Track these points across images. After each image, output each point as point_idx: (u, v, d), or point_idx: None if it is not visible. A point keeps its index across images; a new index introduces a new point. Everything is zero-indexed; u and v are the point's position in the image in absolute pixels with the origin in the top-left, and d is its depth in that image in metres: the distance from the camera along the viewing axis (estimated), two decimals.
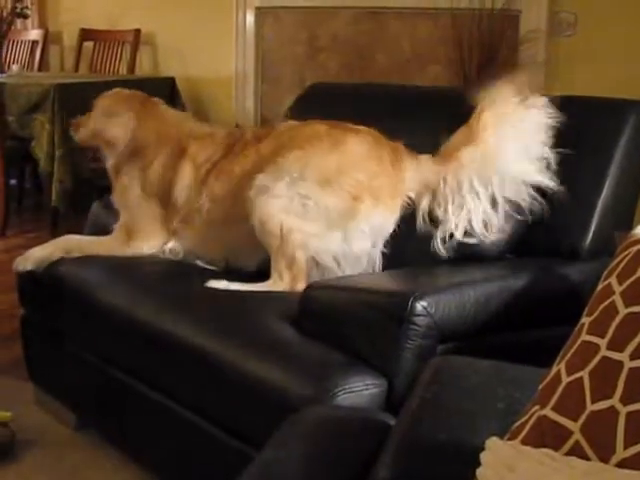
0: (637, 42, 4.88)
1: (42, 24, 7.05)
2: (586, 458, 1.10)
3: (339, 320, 2.19)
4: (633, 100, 2.62)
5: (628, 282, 1.22)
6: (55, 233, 5.37)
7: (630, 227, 2.54)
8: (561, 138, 2.54)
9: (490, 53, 5.18)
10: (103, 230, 3.03)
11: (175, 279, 2.69)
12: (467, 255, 2.50)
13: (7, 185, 5.59)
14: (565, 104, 2.70)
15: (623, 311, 1.18)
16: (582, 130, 2.57)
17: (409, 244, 2.54)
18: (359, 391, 2.01)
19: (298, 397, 1.99)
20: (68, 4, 6.96)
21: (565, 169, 2.54)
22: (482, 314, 2.18)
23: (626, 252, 1.31)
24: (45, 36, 6.83)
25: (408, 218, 2.56)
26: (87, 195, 5.25)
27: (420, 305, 2.05)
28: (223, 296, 2.51)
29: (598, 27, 5.01)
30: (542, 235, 2.56)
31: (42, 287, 2.92)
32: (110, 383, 2.67)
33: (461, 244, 2.51)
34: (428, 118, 2.81)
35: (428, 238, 2.51)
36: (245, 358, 2.18)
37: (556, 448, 1.13)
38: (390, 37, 5.59)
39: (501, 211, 2.51)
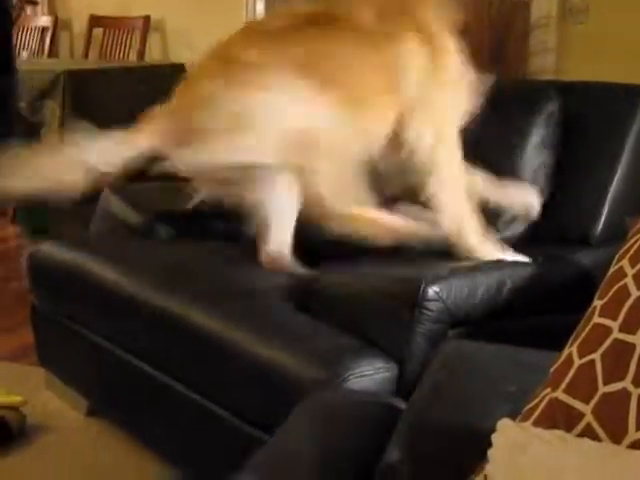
0: None
1: (52, 11, 7.05)
2: (598, 440, 1.10)
3: (350, 305, 2.19)
4: None
5: None
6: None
7: None
8: (573, 124, 2.54)
9: (500, 39, 5.17)
10: (113, 218, 3.03)
11: (187, 265, 2.68)
12: None
13: None
14: (577, 90, 2.70)
15: (635, 294, 1.18)
16: (594, 116, 2.57)
17: None
18: (370, 375, 2.01)
19: (309, 381, 2.00)
20: None
21: (577, 155, 2.54)
22: (493, 299, 2.19)
23: (638, 235, 1.31)
24: (55, 23, 6.83)
25: None
26: None
27: (432, 290, 2.06)
28: (234, 281, 2.51)
29: (610, 14, 4.99)
30: (554, 222, 2.56)
31: (53, 273, 2.92)
32: (122, 368, 2.68)
33: None
34: None
35: None
36: (256, 342, 2.18)
37: (568, 430, 1.14)
38: None
39: None
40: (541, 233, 2.56)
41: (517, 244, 2.54)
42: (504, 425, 1.17)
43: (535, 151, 2.55)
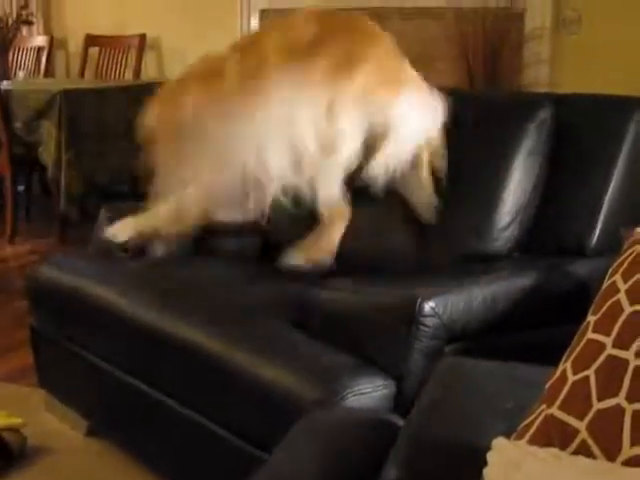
0: None
1: (47, 30, 7.07)
2: (593, 457, 1.10)
3: (347, 322, 2.19)
4: (638, 97, 2.62)
5: (633, 280, 1.22)
6: (64, 240, 5.40)
7: (637, 223, 2.54)
8: (566, 134, 2.54)
9: (495, 51, 5.18)
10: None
11: (184, 285, 2.68)
12: (474, 254, 2.51)
13: (15, 192, 5.60)
14: (570, 101, 2.71)
15: (628, 309, 1.19)
16: (587, 127, 2.58)
17: None
18: (368, 393, 2.02)
19: (308, 400, 2.00)
20: (73, 10, 6.98)
21: (571, 165, 2.54)
22: (490, 313, 2.19)
23: (631, 250, 1.31)
24: (50, 42, 6.84)
25: None
26: (97, 201, 5.28)
27: (428, 306, 2.06)
28: (229, 298, 2.51)
29: (603, 25, 5.01)
30: (549, 232, 2.56)
31: (52, 294, 2.93)
32: (121, 388, 2.68)
33: (467, 244, 2.51)
34: None
35: None
36: (254, 361, 2.19)
37: (563, 447, 1.14)
38: (394, 37, 5.59)
39: None
40: (536, 244, 2.57)
41: (513, 255, 2.54)
42: (499, 443, 1.17)
43: (527, 159, 2.55)
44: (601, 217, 2.51)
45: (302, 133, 2.55)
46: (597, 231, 2.50)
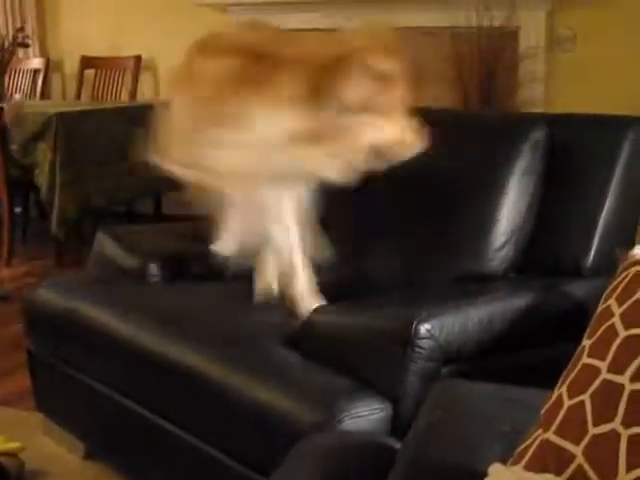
0: (636, 58, 4.90)
1: (43, 53, 7.09)
2: None
3: (342, 344, 2.19)
4: (632, 116, 2.63)
5: (627, 304, 1.23)
6: (60, 262, 5.40)
7: (632, 243, 2.55)
8: (560, 154, 2.55)
9: (490, 70, 5.20)
10: (108, 262, 3.03)
11: (181, 309, 2.68)
12: (469, 274, 2.51)
13: (12, 214, 5.60)
14: (565, 121, 2.71)
15: (623, 334, 1.19)
16: (582, 147, 2.58)
17: None
18: (365, 416, 2.01)
19: (304, 424, 2.00)
20: (68, 32, 7.00)
21: (567, 185, 2.55)
22: (486, 334, 2.19)
23: (625, 273, 1.32)
24: (46, 64, 6.86)
25: None
26: (93, 224, 5.28)
27: (424, 328, 2.06)
28: (225, 321, 2.51)
29: (597, 43, 5.04)
30: (544, 252, 2.56)
31: (48, 317, 2.93)
32: (118, 411, 2.68)
33: (463, 264, 2.51)
34: None
35: None
36: (250, 385, 2.19)
37: (559, 472, 1.14)
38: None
39: None
40: (532, 264, 2.57)
41: (508, 275, 2.55)
42: (496, 470, 1.17)
43: (521, 179, 2.55)
44: (597, 236, 2.51)
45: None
46: (593, 251, 2.50)
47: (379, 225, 2.75)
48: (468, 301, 2.27)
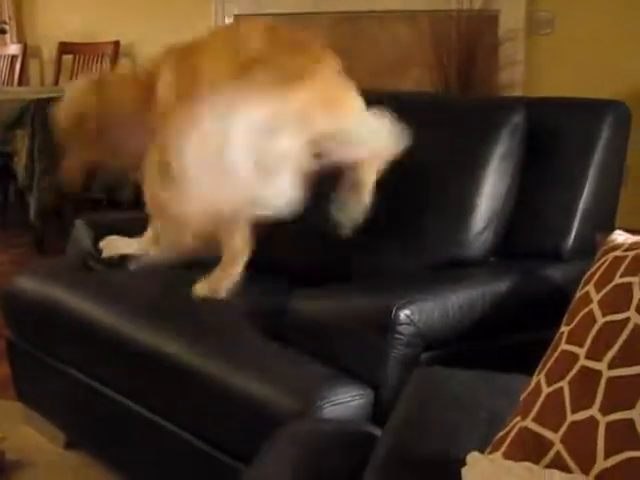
0: (615, 40, 4.90)
1: (20, 38, 7.04)
2: (567, 469, 1.10)
3: (322, 331, 2.18)
4: (611, 100, 2.63)
5: (605, 290, 1.22)
6: (40, 250, 5.37)
7: (612, 227, 2.55)
8: (540, 138, 2.55)
9: (470, 53, 5.19)
10: (86, 250, 3.01)
11: (160, 298, 2.67)
12: (449, 260, 2.50)
13: None
14: (543, 105, 2.71)
15: (601, 320, 1.19)
16: (561, 131, 2.58)
17: None
18: (345, 403, 2.01)
19: (284, 411, 1.99)
20: (46, 18, 6.95)
21: (546, 170, 2.55)
22: (466, 320, 2.18)
23: (604, 259, 1.31)
24: (24, 50, 6.82)
25: None
26: (73, 211, 5.25)
27: (403, 314, 2.05)
28: (206, 309, 2.50)
29: (576, 25, 5.04)
30: (524, 237, 2.56)
31: (27, 307, 2.91)
32: (98, 400, 2.66)
33: (442, 250, 2.51)
34: None
35: None
36: (230, 373, 2.17)
37: (538, 459, 1.13)
38: (369, 41, 5.60)
39: None
40: (512, 249, 2.56)
41: (489, 260, 2.54)
42: (473, 459, 1.17)
43: (500, 164, 2.55)
44: (577, 220, 2.51)
45: (236, 151, 2.43)
46: (573, 234, 2.50)
47: None
48: (448, 287, 2.26)
